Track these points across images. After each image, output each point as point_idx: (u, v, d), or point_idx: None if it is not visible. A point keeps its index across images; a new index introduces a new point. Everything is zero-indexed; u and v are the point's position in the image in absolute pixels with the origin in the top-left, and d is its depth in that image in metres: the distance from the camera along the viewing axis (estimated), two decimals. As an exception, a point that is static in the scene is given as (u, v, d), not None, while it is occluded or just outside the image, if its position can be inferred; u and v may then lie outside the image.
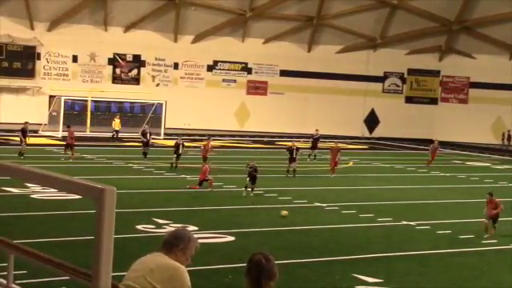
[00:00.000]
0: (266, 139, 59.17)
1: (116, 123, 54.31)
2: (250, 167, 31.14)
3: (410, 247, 23.27)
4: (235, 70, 64.81)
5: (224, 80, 64.58)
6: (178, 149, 38.94)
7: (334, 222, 26.84)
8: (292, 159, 38.96)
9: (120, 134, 53.90)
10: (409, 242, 24.06)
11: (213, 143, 42.06)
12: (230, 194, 31.65)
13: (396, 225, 26.87)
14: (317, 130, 49.49)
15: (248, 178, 30.80)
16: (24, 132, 40.74)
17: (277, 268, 6.30)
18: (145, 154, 42.98)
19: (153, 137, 54.11)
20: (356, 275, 19.10)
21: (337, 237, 24.46)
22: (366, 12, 63.23)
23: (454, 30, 65.17)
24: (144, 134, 44.61)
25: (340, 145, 44.60)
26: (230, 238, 22.05)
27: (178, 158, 38.76)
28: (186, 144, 42.62)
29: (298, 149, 40.25)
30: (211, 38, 63.01)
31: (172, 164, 38.40)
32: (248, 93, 65.11)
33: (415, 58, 66.95)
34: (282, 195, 31.57)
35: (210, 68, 64.27)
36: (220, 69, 64.47)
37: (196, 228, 22.72)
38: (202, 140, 45.59)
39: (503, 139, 65.40)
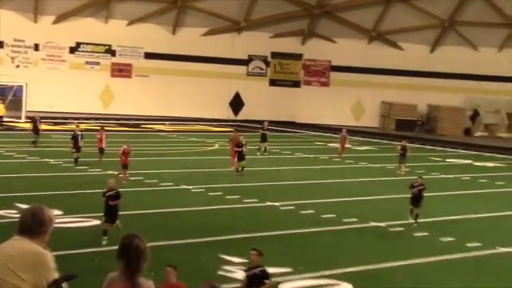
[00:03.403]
0: (131, 122, 58.61)
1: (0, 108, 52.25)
2: (110, 191, 20.50)
3: (275, 227, 23.60)
4: (99, 52, 63.72)
5: (87, 62, 63.38)
6: (77, 141, 35.16)
7: (200, 203, 26.91)
8: (240, 156, 35.13)
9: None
10: (273, 223, 24.40)
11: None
12: (95, 178, 31.15)
13: (261, 206, 27.19)
14: (263, 123, 46.57)
15: None
16: None
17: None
18: (34, 142, 40.84)
19: (13, 120, 52.75)
20: (222, 256, 19.23)
21: (203, 218, 24.53)
22: (230, -5, 63.53)
23: (316, 14, 66.30)
24: (35, 121, 42.36)
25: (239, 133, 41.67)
26: (96, 222, 21.73)
27: (78, 150, 35.01)
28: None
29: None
30: (73, 19, 61.65)
31: (76, 159, 34.78)
32: (112, 75, 64.18)
33: (279, 41, 67.72)
34: (149, 178, 31.42)
35: (73, 50, 62.89)
36: (83, 51, 63.21)
37: (61, 212, 22.33)
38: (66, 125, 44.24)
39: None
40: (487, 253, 22.10)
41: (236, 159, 35.25)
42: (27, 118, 52.64)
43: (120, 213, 20.33)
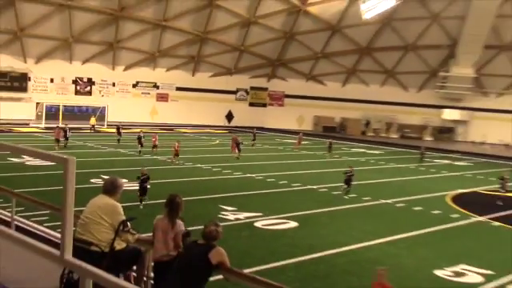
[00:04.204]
0: (168, 127, 58.39)
1: (92, 120, 51.69)
2: (143, 175, 18.91)
3: (252, 189, 23.68)
4: (149, 87, 63.22)
5: (142, 93, 62.89)
6: (141, 139, 34.00)
7: (208, 175, 26.92)
8: (238, 149, 34.80)
9: (85, 126, 51.41)
10: (251, 186, 24.47)
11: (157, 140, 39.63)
12: (149, 161, 31.05)
13: (245, 176, 27.27)
14: (253, 129, 46.36)
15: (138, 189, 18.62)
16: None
17: None
18: (118, 140, 39.63)
19: (98, 127, 52.33)
20: (221, 205, 19.29)
21: (209, 184, 24.54)
22: (226, 54, 63.22)
23: (276, 64, 66.35)
24: (118, 128, 41.57)
25: (237, 135, 40.91)
26: (148, 186, 21.69)
27: (141, 145, 33.80)
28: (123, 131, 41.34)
29: (242, 142, 36.47)
30: (135, 68, 61.08)
31: (139, 150, 33.48)
32: (157, 100, 63.66)
33: (254, 80, 67.65)
34: (177, 161, 31.35)
35: (134, 86, 62.40)
36: (140, 86, 62.65)
37: (126, 180, 22.23)
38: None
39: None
40: (373, 203, 22.33)
41: (236, 150, 35.13)
42: (109, 125, 52.35)
43: (160, 181, 20.20)
